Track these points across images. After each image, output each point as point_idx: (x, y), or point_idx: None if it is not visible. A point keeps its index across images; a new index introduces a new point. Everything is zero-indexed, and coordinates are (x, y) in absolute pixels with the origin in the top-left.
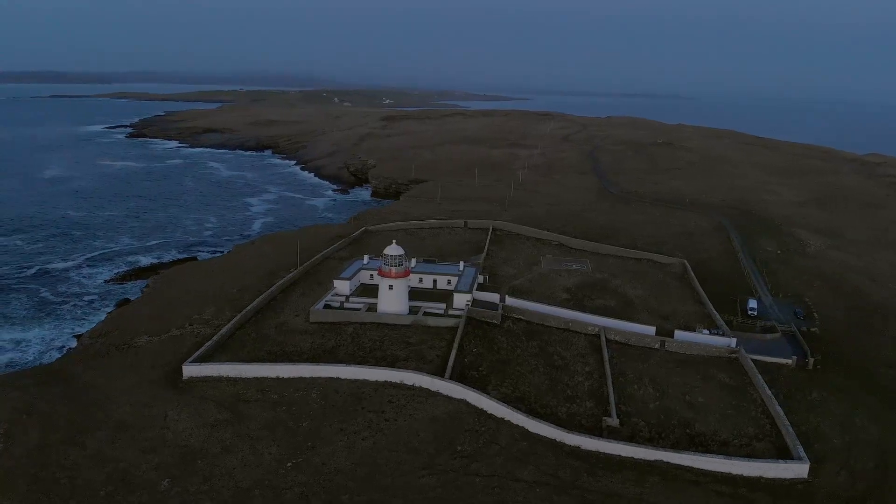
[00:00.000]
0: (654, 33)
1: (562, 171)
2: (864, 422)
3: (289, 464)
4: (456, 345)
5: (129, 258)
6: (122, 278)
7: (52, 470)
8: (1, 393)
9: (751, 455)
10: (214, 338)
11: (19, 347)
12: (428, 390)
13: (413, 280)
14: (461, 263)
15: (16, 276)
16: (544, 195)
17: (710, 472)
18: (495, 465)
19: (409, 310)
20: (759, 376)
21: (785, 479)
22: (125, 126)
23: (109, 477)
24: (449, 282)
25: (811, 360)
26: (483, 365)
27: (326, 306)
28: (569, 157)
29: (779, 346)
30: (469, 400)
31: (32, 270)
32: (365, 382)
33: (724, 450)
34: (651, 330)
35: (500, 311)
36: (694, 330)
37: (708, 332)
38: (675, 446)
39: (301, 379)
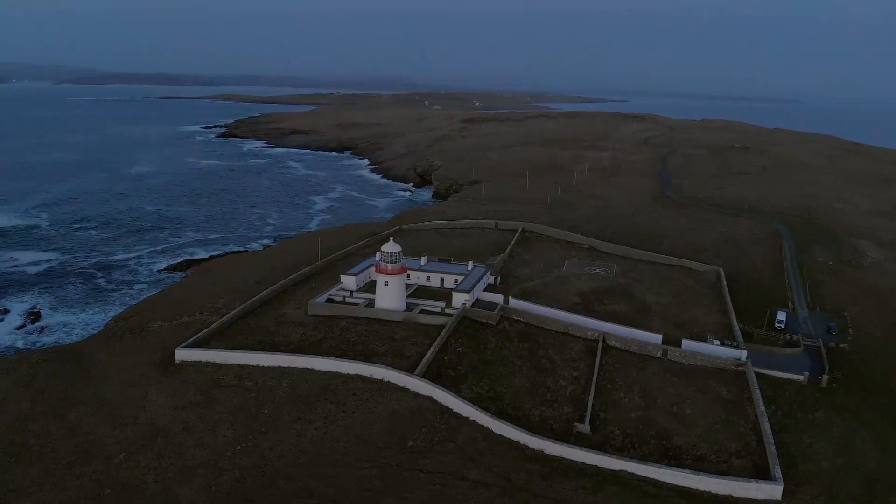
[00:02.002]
0: (773, 34)
1: (626, 173)
2: (866, 445)
3: (238, 447)
4: (438, 342)
5: (189, 250)
6: (174, 269)
7: (28, 437)
8: (14, 367)
9: (726, 472)
10: (213, 325)
11: (65, 329)
12: (396, 385)
13: (421, 278)
14: (469, 263)
15: (80, 263)
16: (595, 198)
17: (677, 486)
18: (444, 462)
19: (408, 307)
20: (758, 391)
21: (756, 500)
22: (220, 126)
23: (76, 447)
24: (456, 281)
25: (825, 378)
26: (463, 364)
27: (329, 300)
28: (639, 159)
29: (796, 361)
30: (435, 397)
31: (96, 259)
32: (336, 375)
33: (699, 465)
34: (657, 338)
35: (497, 311)
36: (705, 340)
37: (719, 342)
38: (646, 458)
39: (278, 368)
